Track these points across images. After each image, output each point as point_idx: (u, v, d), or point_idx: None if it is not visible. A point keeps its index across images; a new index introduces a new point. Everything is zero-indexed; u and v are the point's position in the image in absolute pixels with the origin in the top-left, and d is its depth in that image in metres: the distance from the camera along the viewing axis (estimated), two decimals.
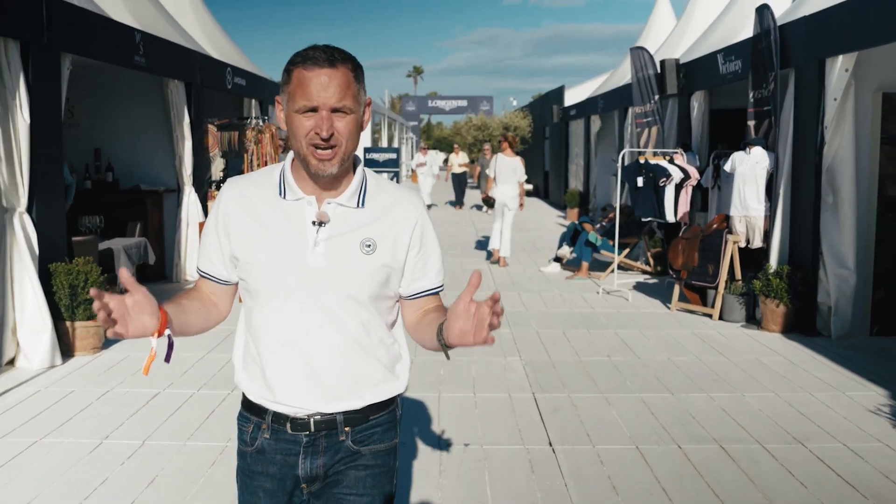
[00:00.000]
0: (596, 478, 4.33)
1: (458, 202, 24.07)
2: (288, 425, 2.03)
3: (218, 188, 10.46)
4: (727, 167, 8.58)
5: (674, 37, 14.22)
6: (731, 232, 8.46)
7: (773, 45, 7.98)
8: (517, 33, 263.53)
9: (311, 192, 2.01)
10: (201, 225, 9.27)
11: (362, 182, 2.05)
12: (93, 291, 1.73)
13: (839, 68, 7.19)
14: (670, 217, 9.75)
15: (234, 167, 11.21)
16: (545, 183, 28.79)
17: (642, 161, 9.86)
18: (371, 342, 2.03)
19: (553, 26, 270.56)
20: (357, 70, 1.95)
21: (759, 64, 8.39)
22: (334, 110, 1.90)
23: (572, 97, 24.66)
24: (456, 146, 24.61)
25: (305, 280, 1.96)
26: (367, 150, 20.79)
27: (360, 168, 2.06)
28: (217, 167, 10.69)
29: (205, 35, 12.11)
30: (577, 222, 11.66)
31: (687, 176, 9.81)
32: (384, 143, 35.73)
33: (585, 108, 19.72)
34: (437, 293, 2.14)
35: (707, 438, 4.94)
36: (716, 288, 8.42)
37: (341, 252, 1.97)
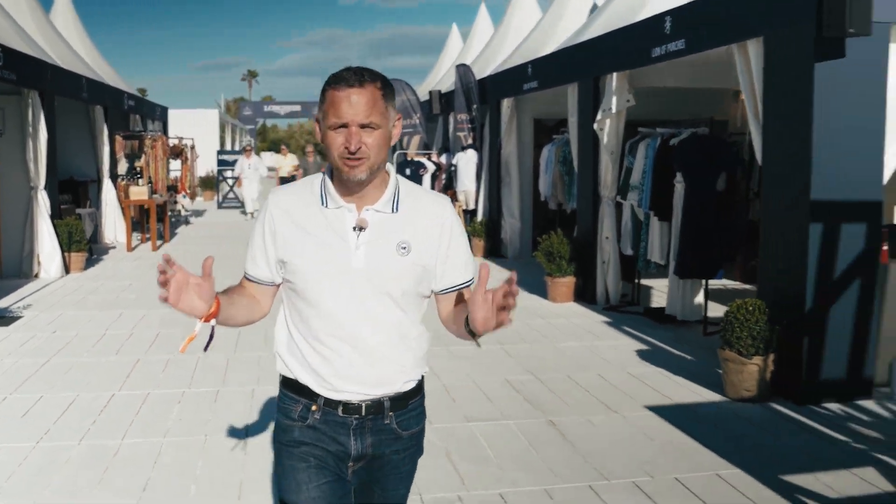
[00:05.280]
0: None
1: None
2: (340, 409, 2.20)
3: (124, 180, 15.19)
4: (453, 161, 14.30)
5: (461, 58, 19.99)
6: (457, 200, 14.15)
7: (473, 89, 13.72)
8: (353, 34, 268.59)
9: (350, 201, 2.16)
10: (126, 204, 13.90)
11: (395, 189, 2.21)
12: (164, 256, 1.97)
13: (506, 105, 12.96)
14: None
15: (132, 162, 15.93)
16: None
17: (409, 158, 15.48)
18: (407, 333, 2.23)
19: (389, 27, 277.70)
20: (386, 88, 2.11)
21: (469, 98, 14.11)
22: (362, 126, 2.05)
23: None
24: (283, 147, 23.44)
25: (349, 280, 2.14)
26: (218, 153, 25.37)
27: (392, 176, 2.22)
28: (122, 165, 15.41)
29: (98, 66, 16.68)
30: None
31: (439, 167, 15.49)
32: (228, 147, 40.03)
33: None
34: (468, 286, 2.28)
35: None
36: None
37: (380, 254, 2.15)
